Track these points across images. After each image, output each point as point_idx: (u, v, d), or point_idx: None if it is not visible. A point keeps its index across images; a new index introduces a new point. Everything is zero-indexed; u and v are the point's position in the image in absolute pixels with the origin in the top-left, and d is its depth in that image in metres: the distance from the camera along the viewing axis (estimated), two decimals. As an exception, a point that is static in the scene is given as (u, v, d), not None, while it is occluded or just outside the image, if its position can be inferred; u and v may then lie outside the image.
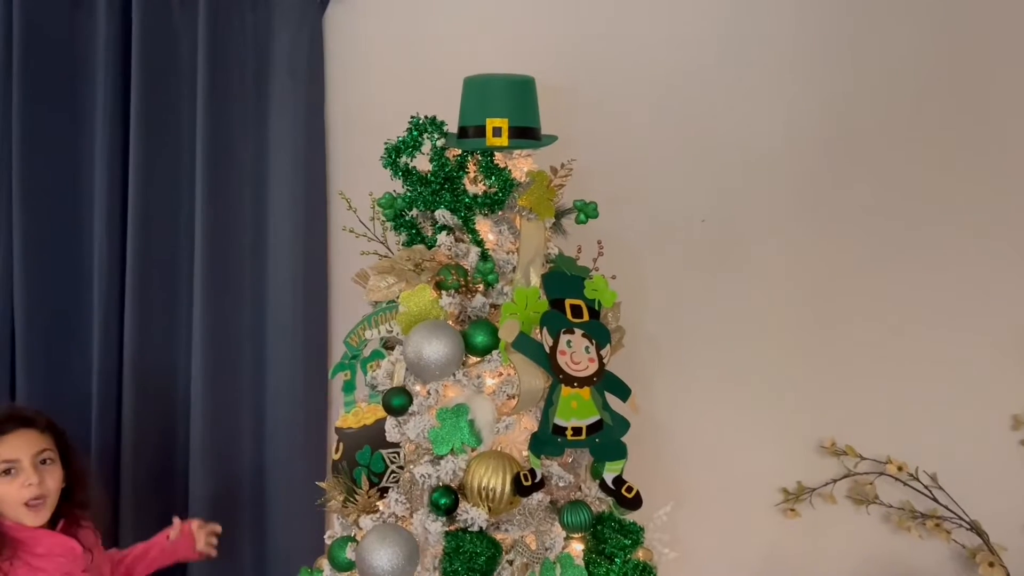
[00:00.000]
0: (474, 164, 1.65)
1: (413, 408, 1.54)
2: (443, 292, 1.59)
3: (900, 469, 2.26)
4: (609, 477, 1.59)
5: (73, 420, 2.17)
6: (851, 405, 2.31)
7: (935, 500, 2.25)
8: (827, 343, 2.31)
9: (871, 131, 2.27)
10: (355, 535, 1.58)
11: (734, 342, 2.32)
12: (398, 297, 1.58)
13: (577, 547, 1.58)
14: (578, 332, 1.58)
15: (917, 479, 2.27)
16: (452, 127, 1.70)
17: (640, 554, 1.62)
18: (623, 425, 1.60)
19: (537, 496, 1.54)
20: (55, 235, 2.17)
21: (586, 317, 1.60)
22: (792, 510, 2.31)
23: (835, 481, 2.30)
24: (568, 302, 1.61)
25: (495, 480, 1.49)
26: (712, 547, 2.29)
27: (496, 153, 1.66)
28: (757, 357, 2.32)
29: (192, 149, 2.16)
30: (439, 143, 1.63)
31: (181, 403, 2.21)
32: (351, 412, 1.69)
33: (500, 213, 1.67)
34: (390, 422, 1.56)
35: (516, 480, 1.49)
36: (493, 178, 1.64)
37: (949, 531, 2.25)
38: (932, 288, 2.28)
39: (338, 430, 1.69)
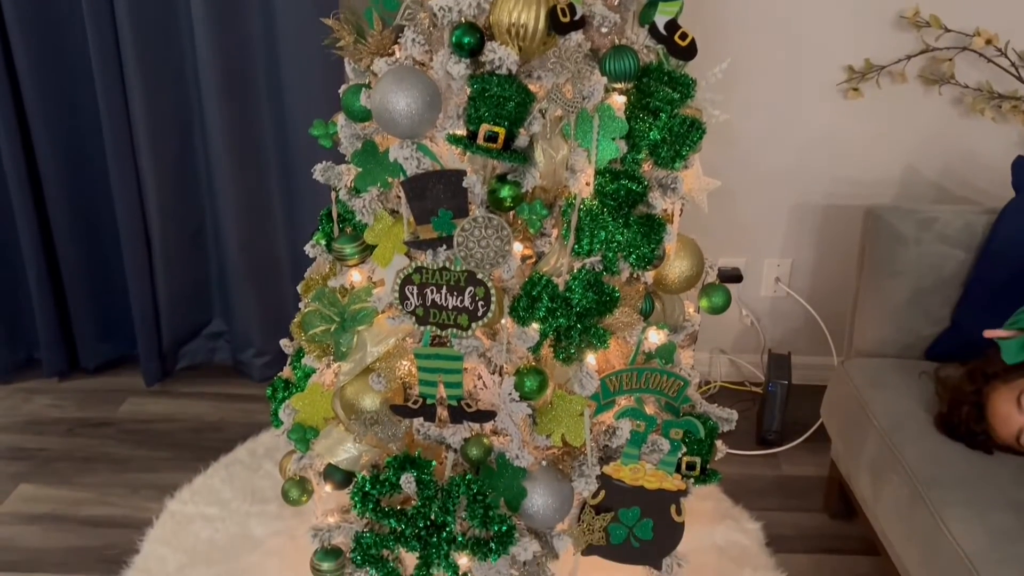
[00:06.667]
0: None
1: (428, -73, 1.26)
2: None
3: (988, 43, 1.99)
4: (661, 21, 1.36)
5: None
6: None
7: (1020, 79, 2.02)
8: None
9: None
10: (369, 82, 1.41)
11: None
12: None
13: (619, 99, 1.41)
14: None
15: (1005, 55, 2.01)
16: None
17: (688, 111, 1.44)
18: (682, -42, 1.32)
19: (576, 38, 1.32)
20: None
21: None
22: (855, 90, 2.10)
23: (909, 58, 2.06)
24: None
25: (527, 15, 1.26)
26: (762, 123, 2.16)
27: None
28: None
29: None
30: None
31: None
32: (357, -59, 1.41)
33: None
34: (401, -55, 1.29)
35: (552, 14, 1.27)
36: None
37: (1027, 113, 2.06)
38: None
39: (343, -36, 1.44)
